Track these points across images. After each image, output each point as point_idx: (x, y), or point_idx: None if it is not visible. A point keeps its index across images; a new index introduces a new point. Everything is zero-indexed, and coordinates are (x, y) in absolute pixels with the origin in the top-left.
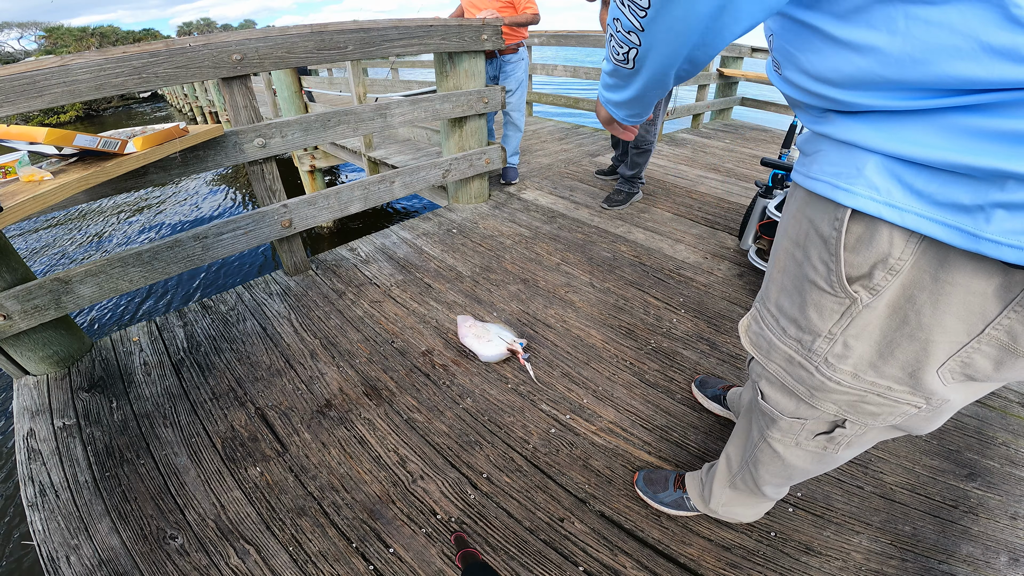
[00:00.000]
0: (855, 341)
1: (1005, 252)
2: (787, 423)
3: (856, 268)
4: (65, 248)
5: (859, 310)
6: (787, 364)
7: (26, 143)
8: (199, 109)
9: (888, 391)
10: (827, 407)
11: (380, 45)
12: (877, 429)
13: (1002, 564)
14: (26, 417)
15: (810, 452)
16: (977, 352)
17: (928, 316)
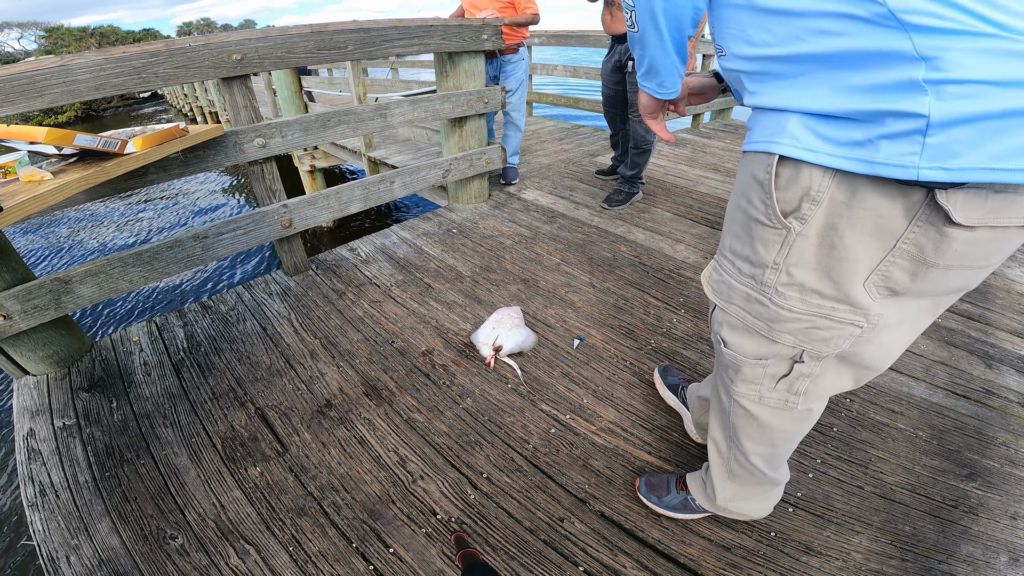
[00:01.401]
0: (796, 269)
1: (893, 171)
2: (750, 369)
3: (787, 203)
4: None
5: (794, 238)
6: (745, 303)
7: (26, 143)
8: (199, 109)
9: (832, 311)
10: (785, 339)
11: (380, 45)
12: (832, 371)
13: (1002, 564)
14: (26, 417)
15: (775, 408)
16: (893, 265)
17: (849, 238)
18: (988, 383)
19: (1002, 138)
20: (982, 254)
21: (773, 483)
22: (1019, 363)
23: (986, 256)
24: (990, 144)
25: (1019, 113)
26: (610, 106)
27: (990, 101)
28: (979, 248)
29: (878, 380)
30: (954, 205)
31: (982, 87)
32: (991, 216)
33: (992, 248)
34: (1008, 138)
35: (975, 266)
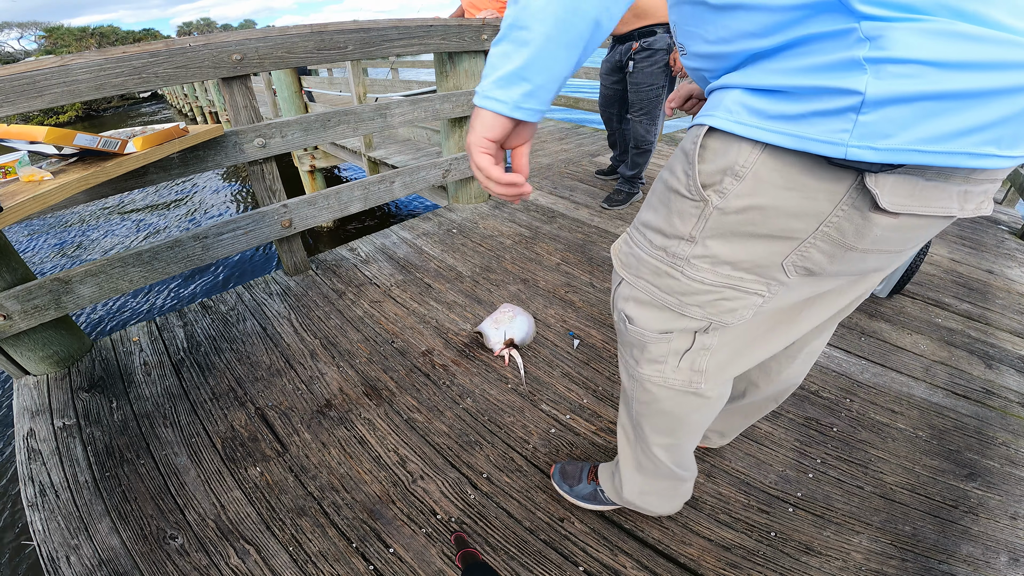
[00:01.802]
0: (712, 241)
1: (822, 147)
2: (655, 345)
3: (708, 176)
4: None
5: (711, 211)
6: (654, 276)
7: (26, 143)
8: (199, 109)
9: (740, 281)
10: (693, 311)
11: (380, 45)
12: (730, 346)
13: (1002, 564)
14: (26, 417)
15: (679, 391)
16: (813, 247)
17: (771, 217)
18: (988, 383)
19: (934, 120)
20: (901, 239)
21: (679, 479)
22: (1019, 363)
23: (904, 242)
24: (922, 126)
25: (954, 96)
26: (607, 106)
27: (927, 82)
28: (899, 233)
29: (878, 380)
30: (882, 190)
31: (921, 67)
32: (917, 204)
33: (912, 235)
34: (940, 120)
35: (893, 250)
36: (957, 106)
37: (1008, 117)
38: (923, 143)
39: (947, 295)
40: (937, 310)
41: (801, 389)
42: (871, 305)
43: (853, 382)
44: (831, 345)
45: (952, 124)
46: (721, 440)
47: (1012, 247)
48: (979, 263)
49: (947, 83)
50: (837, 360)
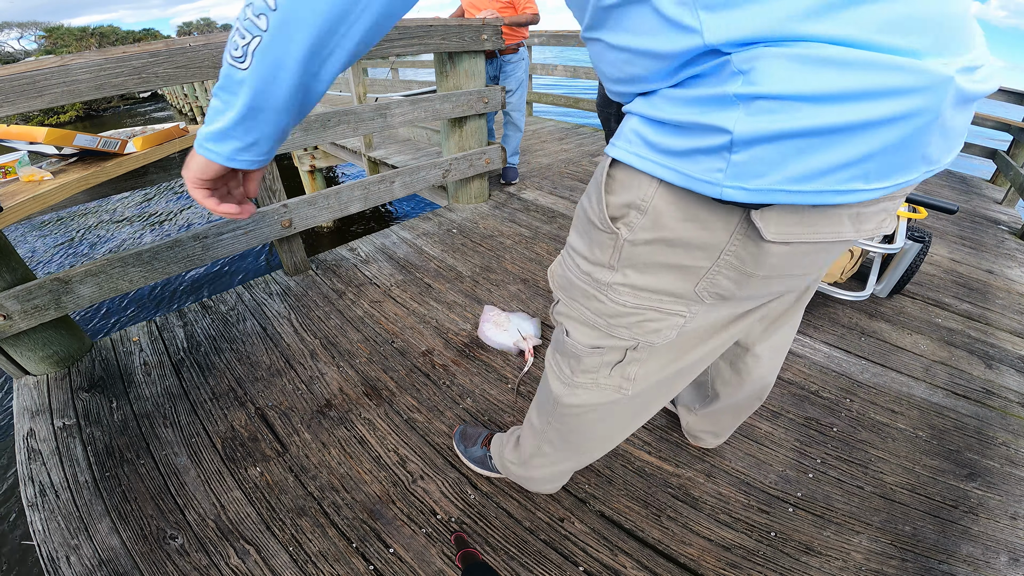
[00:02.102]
0: (629, 269)
1: (703, 187)
2: (589, 358)
3: (615, 209)
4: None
5: (622, 243)
6: (584, 299)
7: (26, 143)
8: (199, 109)
9: (661, 303)
10: (620, 332)
11: (380, 45)
12: (660, 358)
13: (1002, 564)
14: (26, 417)
15: (606, 396)
16: (719, 274)
17: (677, 247)
18: (988, 383)
19: (801, 159)
20: (801, 264)
21: (564, 473)
22: (1019, 363)
23: (805, 266)
24: (789, 165)
25: (819, 132)
26: (605, 106)
27: (793, 118)
28: (796, 259)
29: (878, 380)
30: (766, 223)
31: (787, 103)
32: (806, 232)
33: (811, 259)
34: (806, 159)
35: (795, 274)
36: (822, 143)
37: (874, 152)
38: (790, 183)
39: (947, 295)
40: (937, 310)
41: (801, 389)
42: (871, 305)
43: (853, 382)
44: (831, 345)
45: (818, 162)
46: (715, 440)
47: (1012, 247)
48: (979, 263)
49: (812, 119)
50: (837, 360)
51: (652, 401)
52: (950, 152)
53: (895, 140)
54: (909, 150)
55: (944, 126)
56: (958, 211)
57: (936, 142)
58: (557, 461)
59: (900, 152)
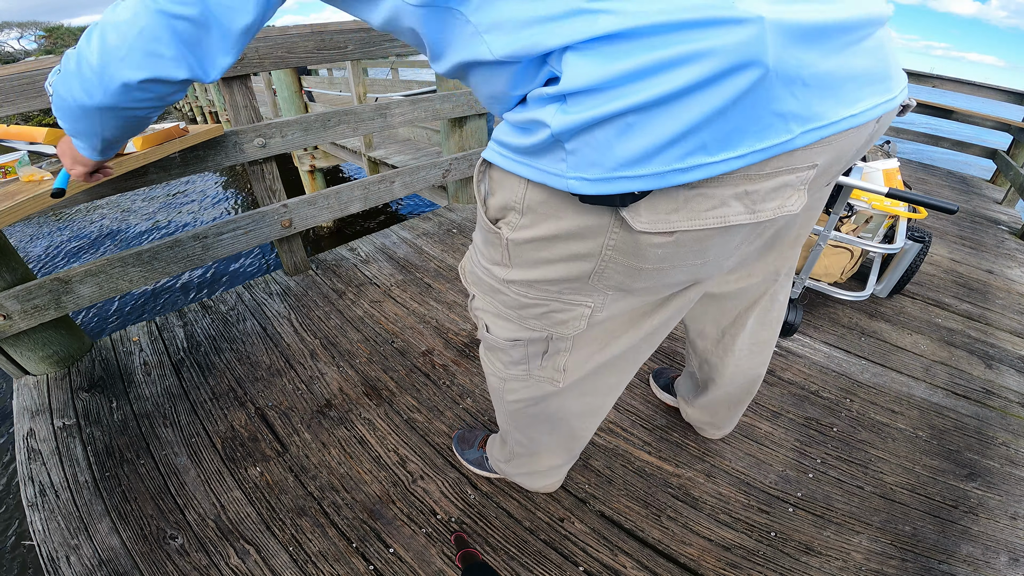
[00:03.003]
0: (522, 265)
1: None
2: (514, 350)
3: (497, 211)
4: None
5: (507, 242)
6: (492, 293)
7: (26, 143)
8: (199, 109)
9: (561, 295)
10: (531, 323)
11: (380, 45)
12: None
13: (1002, 564)
14: (26, 417)
15: (542, 387)
16: (608, 268)
17: (557, 243)
18: (988, 383)
19: (625, 141)
20: (698, 251)
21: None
22: (1019, 363)
23: (697, 254)
24: (617, 149)
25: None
26: None
27: (598, 105)
28: (687, 247)
29: (878, 380)
30: (635, 214)
31: (592, 93)
32: (684, 219)
33: (699, 247)
34: (630, 140)
35: (690, 263)
36: (637, 122)
37: (698, 121)
38: (625, 168)
39: (947, 295)
40: (937, 310)
41: (801, 389)
42: (871, 305)
43: (853, 382)
44: (831, 345)
45: (642, 142)
46: (716, 431)
47: (1012, 247)
48: (979, 263)
49: (615, 102)
50: (837, 360)
51: (596, 393)
52: (850, 104)
53: (717, 105)
54: (747, 111)
55: (792, 74)
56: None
57: (790, 96)
58: (534, 459)
59: (734, 116)
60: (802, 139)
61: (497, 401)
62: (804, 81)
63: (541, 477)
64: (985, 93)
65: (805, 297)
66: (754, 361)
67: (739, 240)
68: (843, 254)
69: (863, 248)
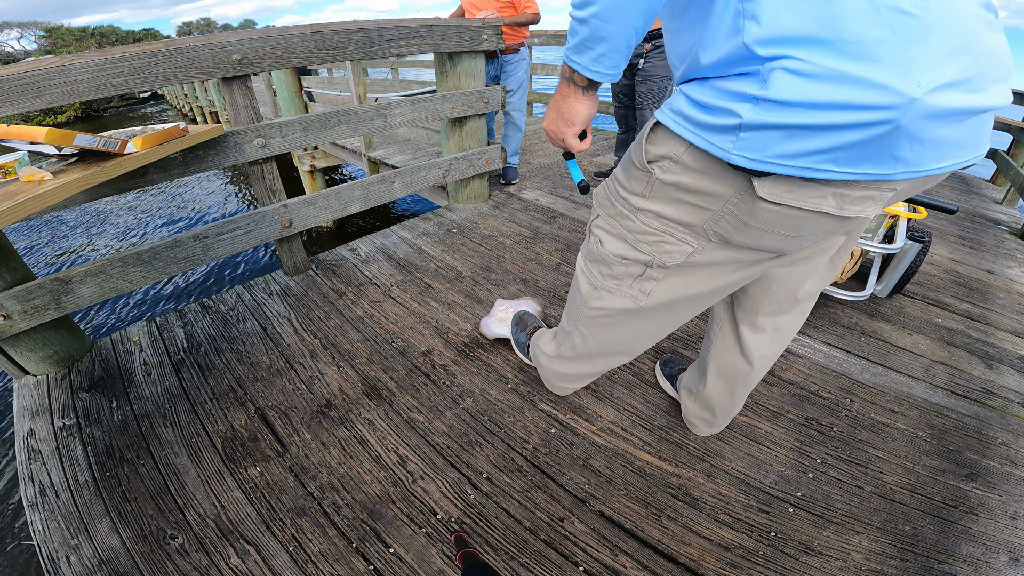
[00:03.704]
0: (656, 201)
1: (717, 151)
2: (616, 266)
3: (652, 156)
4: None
5: (654, 180)
6: (619, 217)
7: (26, 143)
8: (199, 109)
9: (676, 232)
10: (643, 247)
11: (380, 45)
12: (672, 280)
13: (1002, 564)
14: (26, 417)
15: (626, 299)
16: (722, 218)
17: (694, 193)
18: (988, 383)
19: (787, 143)
20: (789, 225)
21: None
22: (1019, 363)
23: (792, 227)
24: (779, 146)
25: (801, 127)
26: (622, 106)
27: (786, 117)
28: (784, 219)
29: (878, 380)
30: (761, 185)
31: (785, 106)
32: (792, 198)
33: (797, 222)
34: (791, 144)
35: (784, 233)
36: (803, 134)
37: (840, 146)
38: (779, 158)
39: (947, 295)
40: (937, 310)
41: (801, 389)
42: (871, 305)
43: (853, 382)
44: (831, 345)
45: (799, 147)
46: (708, 428)
47: (1012, 247)
48: (979, 263)
49: (799, 118)
50: (837, 360)
51: (660, 321)
52: (939, 160)
53: (857, 140)
54: (874, 149)
55: (917, 136)
56: (958, 211)
57: (907, 148)
58: (577, 362)
59: (864, 149)
60: (899, 176)
61: (578, 306)
62: (922, 141)
63: (565, 380)
64: None
65: None
66: (773, 347)
67: (826, 229)
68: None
69: (863, 248)
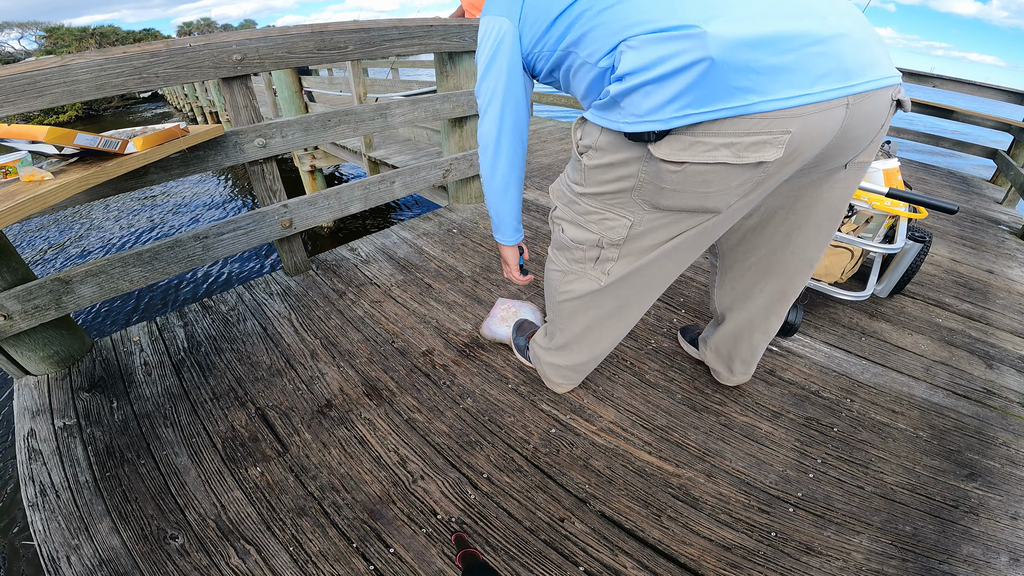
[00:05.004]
0: (590, 184)
1: (614, 125)
2: (576, 251)
3: (582, 147)
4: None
5: (584, 166)
6: (569, 203)
7: (27, 142)
8: (199, 109)
9: (613, 208)
10: (591, 227)
11: (380, 45)
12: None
13: (1002, 564)
14: (26, 417)
15: (591, 282)
16: (644, 186)
17: (614, 168)
18: (988, 383)
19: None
20: (696, 182)
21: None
22: (1019, 363)
23: (702, 184)
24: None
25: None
26: None
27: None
28: (690, 177)
29: (879, 380)
30: (657, 148)
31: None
32: (688, 155)
33: (703, 178)
34: (649, 99)
35: (699, 191)
36: (652, 89)
37: (683, 89)
38: (648, 115)
39: (947, 295)
40: (937, 310)
41: (801, 389)
42: (871, 305)
43: (853, 382)
44: (831, 345)
45: (656, 100)
46: (730, 374)
47: (1012, 247)
48: (979, 263)
49: (638, 78)
50: (837, 360)
51: (627, 298)
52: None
53: (690, 81)
54: (710, 85)
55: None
56: (958, 211)
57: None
58: (566, 352)
59: (703, 87)
60: (759, 107)
61: (551, 294)
62: (754, 70)
63: (562, 373)
64: (985, 93)
65: (805, 297)
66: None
67: (742, 181)
68: (843, 254)
69: (863, 248)
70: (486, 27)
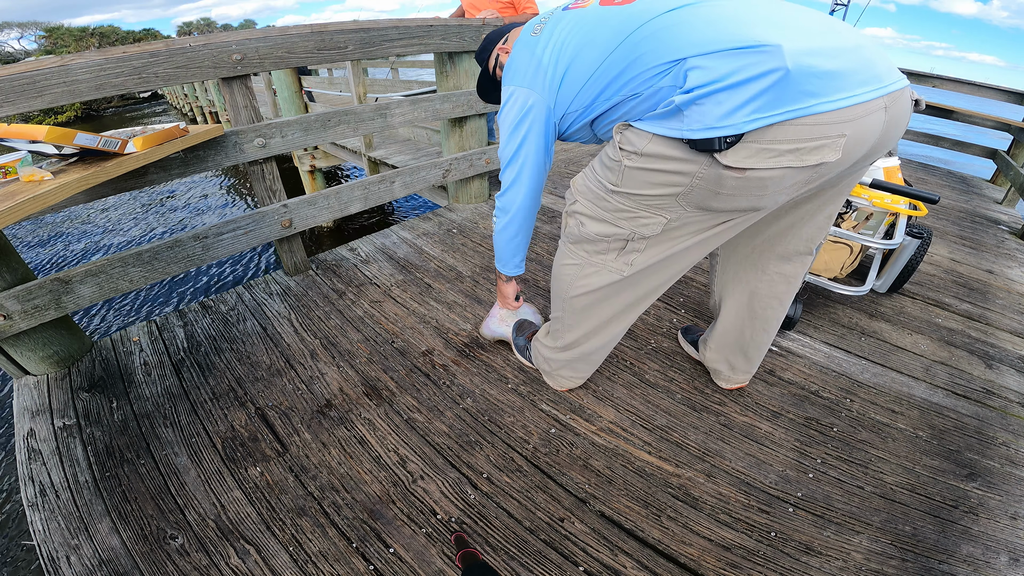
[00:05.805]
0: (627, 181)
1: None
2: (600, 243)
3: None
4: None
5: (623, 168)
6: (597, 199)
7: (27, 141)
8: (199, 109)
9: (648, 208)
10: (622, 224)
11: (380, 45)
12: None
13: (1002, 564)
14: (26, 417)
15: (612, 274)
16: (694, 190)
17: (660, 173)
18: (988, 383)
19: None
20: (755, 186)
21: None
22: (1019, 363)
23: (760, 188)
24: (713, 112)
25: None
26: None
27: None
28: (751, 184)
29: (878, 380)
30: (724, 157)
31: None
32: (753, 162)
33: (763, 184)
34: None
35: (755, 194)
36: (725, 95)
37: (756, 94)
38: (719, 121)
39: (947, 295)
40: (937, 310)
41: (801, 389)
42: (871, 305)
43: (853, 382)
44: (831, 345)
45: (727, 106)
46: (732, 373)
47: (1012, 247)
48: (979, 263)
49: (709, 88)
50: (837, 360)
51: (644, 288)
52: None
53: (766, 86)
54: (779, 90)
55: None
56: (939, 201)
57: (806, 82)
58: (573, 348)
59: (773, 92)
60: (817, 108)
61: (564, 289)
62: (815, 75)
63: (566, 370)
64: (985, 93)
65: (804, 292)
66: (774, 289)
67: (791, 182)
68: (842, 249)
69: (862, 244)
70: (511, 98)
